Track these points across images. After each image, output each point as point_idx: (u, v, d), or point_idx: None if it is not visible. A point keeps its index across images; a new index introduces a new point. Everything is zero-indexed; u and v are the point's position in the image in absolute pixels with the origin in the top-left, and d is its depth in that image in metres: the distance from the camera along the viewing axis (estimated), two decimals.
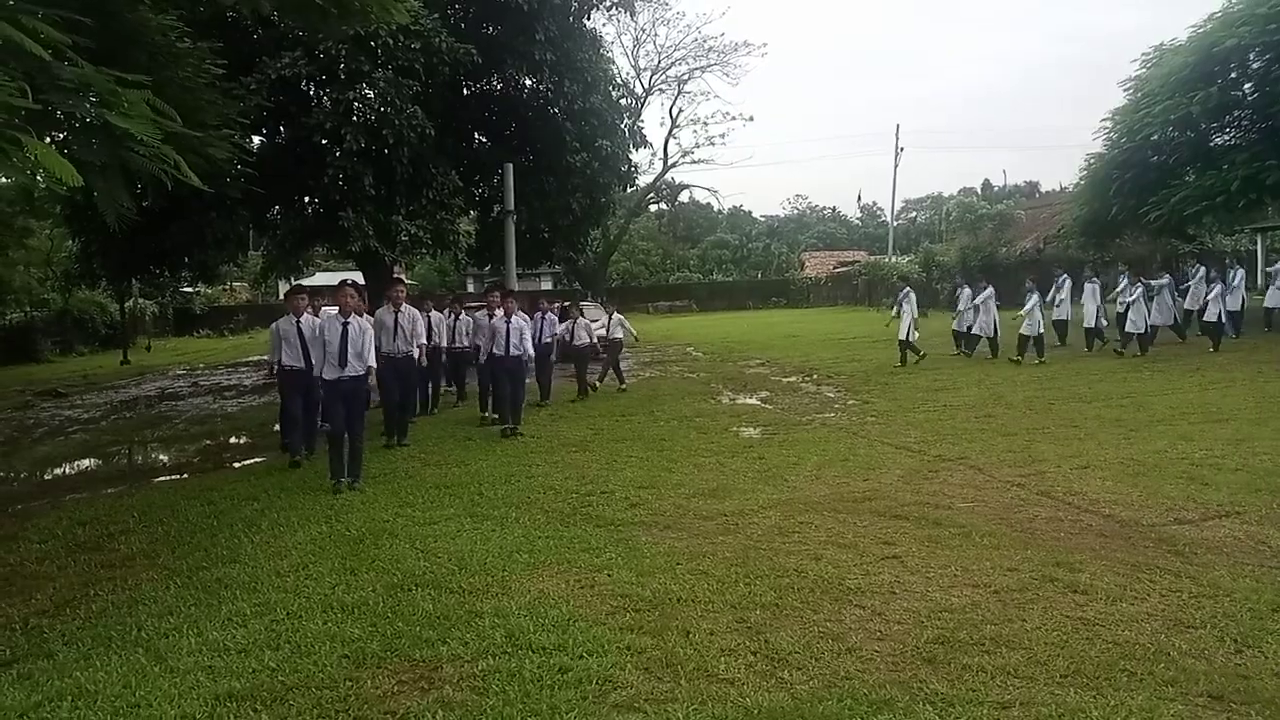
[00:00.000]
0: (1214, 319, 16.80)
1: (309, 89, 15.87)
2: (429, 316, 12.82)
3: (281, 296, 11.34)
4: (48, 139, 6.79)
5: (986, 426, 10.56)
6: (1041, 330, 16.71)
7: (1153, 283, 17.84)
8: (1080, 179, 27.32)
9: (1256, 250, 31.10)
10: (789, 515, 6.92)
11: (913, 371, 16.08)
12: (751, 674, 4.14)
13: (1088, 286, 18.27)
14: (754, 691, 3.96)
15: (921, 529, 6.43)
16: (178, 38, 9.29)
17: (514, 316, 11.63)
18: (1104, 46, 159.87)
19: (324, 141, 15.15)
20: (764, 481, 8.22)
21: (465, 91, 18.78)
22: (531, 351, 12.03)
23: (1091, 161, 25.78)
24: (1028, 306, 16.53)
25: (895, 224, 59.61)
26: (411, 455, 10.11)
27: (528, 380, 12.41)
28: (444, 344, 13.82)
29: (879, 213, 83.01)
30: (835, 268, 54.47)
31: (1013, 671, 4.08)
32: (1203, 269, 18.40)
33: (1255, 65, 20.86)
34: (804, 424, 11.45)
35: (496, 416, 11.99)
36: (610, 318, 12.52)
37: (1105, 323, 18.00)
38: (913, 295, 17.38)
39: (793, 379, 16.54)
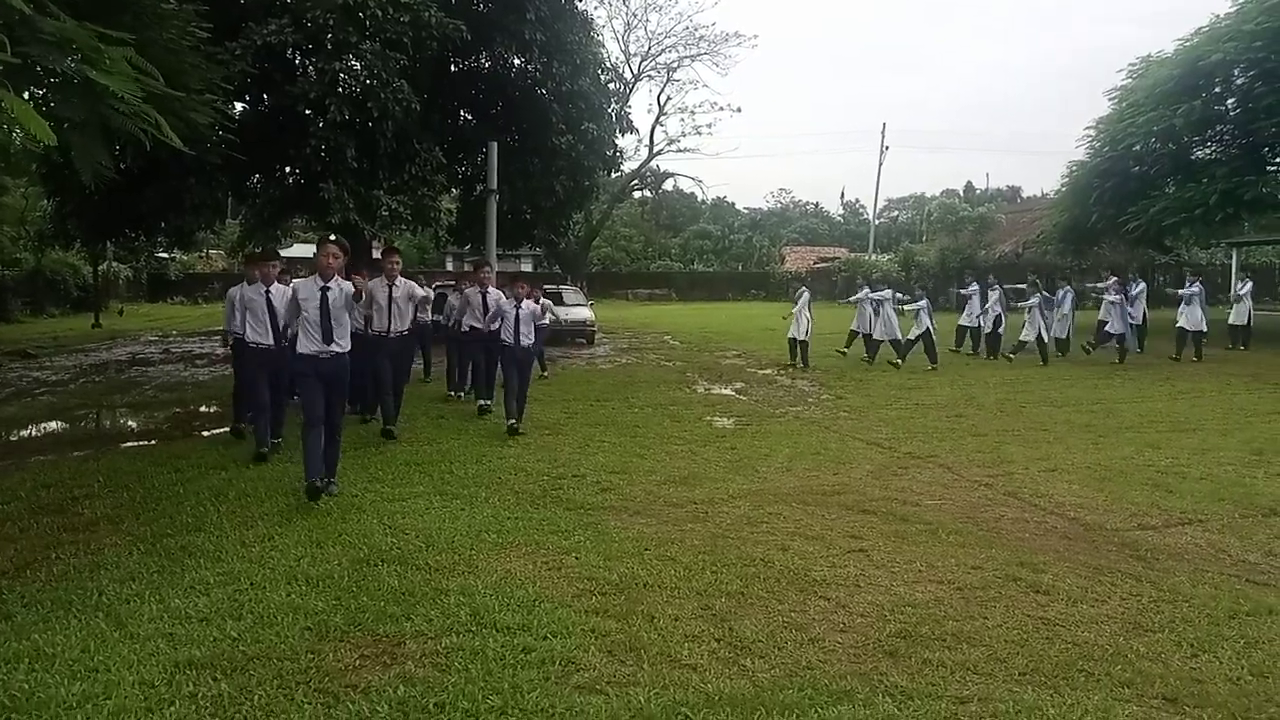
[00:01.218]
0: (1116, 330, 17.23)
1: (294, 57, 15.67)
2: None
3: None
4: (25, 95, 6.68)
5: (957, 426, 10.65)
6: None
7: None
8: (1062, 186, 27.63)
9: (1231, 264, 31.48)
10: (758, 505, 6.96)
11: (887, 369, 16.16)
12: (714, 660, 4.16)
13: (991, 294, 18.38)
14: (716, 678, 3.98)
15: (889, 524, 6.48)
16: None
17: (525, 302, 10.50)
18: (1092, 57, 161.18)
19: (308, 111, 14.98)
20: (735, 471, 8.25)
21: (453, 68, 18.65)
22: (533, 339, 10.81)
23: (1074, 169, 26.04)
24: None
25: (877, 222, 59.81)
26: (376, 425, 9.89)
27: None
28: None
29: (861, 210, 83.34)
30: (815, 263, 54.59)
31: (972, 667, 4.12)
32: (1114, 279, 18.62)
33: (1239, 81, 21.13)
34: (777, 416, 11.50)
35: (473, 398, 11.81)
36: (538, 302, 12.33)
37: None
38: (806, 294, 17.40)
39: (768, 371, 16.61)
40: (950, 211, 41.20)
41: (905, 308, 17.10)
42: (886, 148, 50.90)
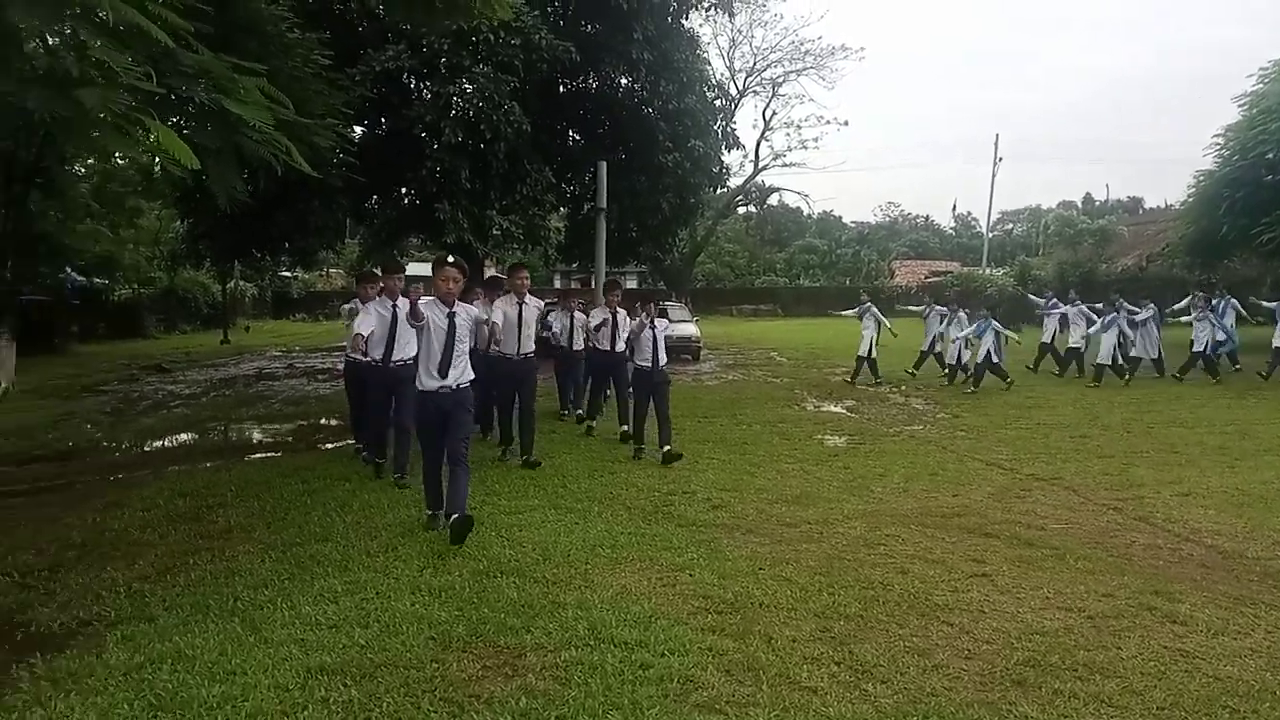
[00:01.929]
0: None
1: (410, 82, 16.17)
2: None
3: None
4: (168, 123, 7.05)
5: (1082, 447, 10.25)
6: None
7: (1137, 312, 17.09)
8: (1188, 196, 26.38)
9: None
10: (875, 527, 6.82)
11: (1004, 388, 15.70)
12: (835, 684, 4.08)
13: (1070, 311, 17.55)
14: (836, 702, 3.91)
15: (1012, 548, 6.27)
16: (288, 28, 9.59)
17: (658, 322, 9.78)
18: (1214, 59, 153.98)
19: (423, 134, 15.41)
20: (849, 491, 8.11)
21: (561, 89, 18.94)
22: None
23: (1201, 179, 24.90)
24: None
25: (990, 235, 58.19)
26: (494, 446, 9.94)
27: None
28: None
29: (974, 223, 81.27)
30: (927, 277, 53.41)
31: (1106, 700, 3.96)
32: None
33: None
34: (891, 435, 11.27)
35: (583, 417, 11.63)
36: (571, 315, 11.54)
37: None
38: (874, 308, 16.97)
39: (879, 388, 16.29)
40: (1068, 224, 39.91)
41: (962, 333, 16.45)
42: (1000, 159, 49.59)
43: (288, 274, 44.95)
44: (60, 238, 23.06)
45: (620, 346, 10.14)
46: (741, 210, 58.24)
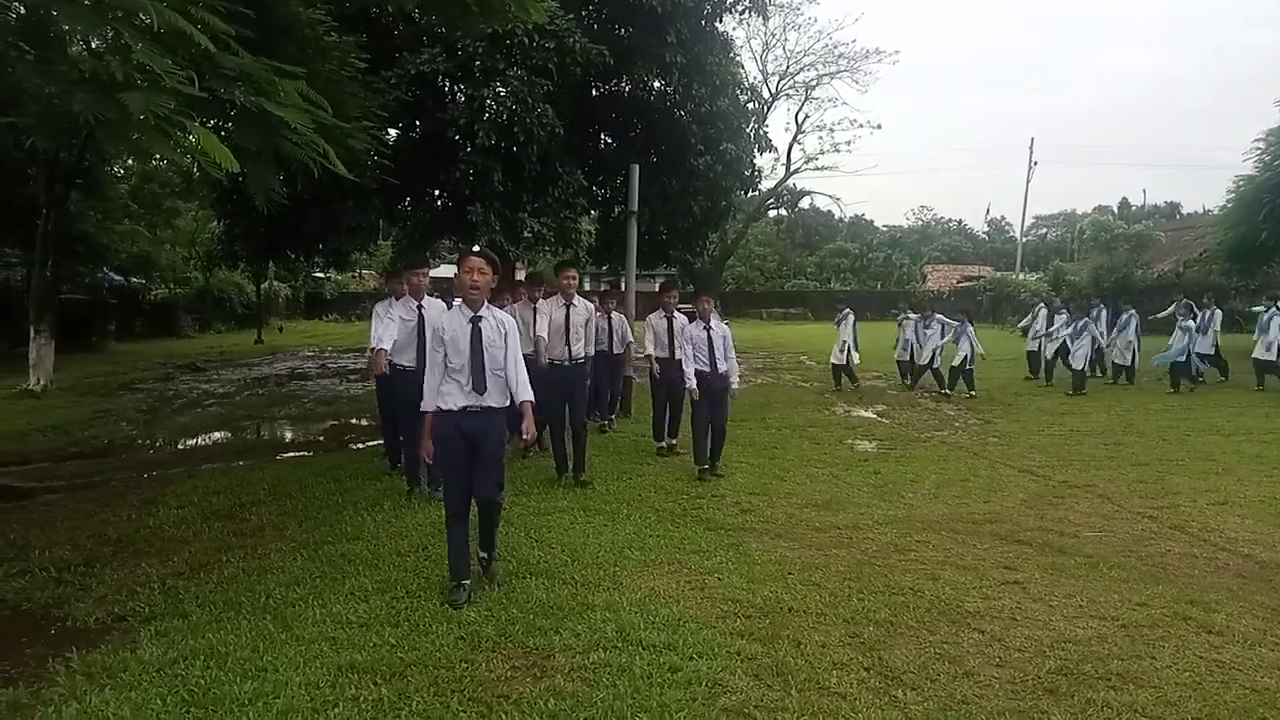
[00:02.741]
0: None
1: (445, 85, 16.23)
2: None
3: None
4: (208, 125, 7.14)
5: (1116, 454, 10.12)
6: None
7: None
8: (1227, 201, 25.99)
9: None
10: (905, 533, 6.78)
11: (1038, 393, 15.55)
12: (864, 690, 4.07)
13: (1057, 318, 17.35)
14: (866, 708, 3.90)
15: (1045, 556, 6.21)
16: (325, 31, 9.66)
17: (714, 322, 8.99)
18: (1254, 62, 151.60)
19: (457, 137, 15.46)
20: (879, 497, 8.06)
21: (594, 92, 18.93)
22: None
23: (1241, 184, 24.53)
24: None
25: (1024, 240, 57.69)
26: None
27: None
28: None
29: (1007, 228, 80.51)
30: (959, 282, 53.09)
31: (1141, 710, 3.92)
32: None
33: None
34: (922, 441, 11.18)
35: (606, 422, 11.35)
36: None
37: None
38: (851, 317, 16.92)
39: (910, 393, 16.17)
40: (1104, 229, 39.27)
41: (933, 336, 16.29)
42: (1035, 163, 49.27)
43: (321, 275, 45.38)
44: (99, 238, 23.49)
45: (720, 367, 8.82)
46: (772, 213, 58.00)
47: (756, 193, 37.62)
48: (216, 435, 12.37)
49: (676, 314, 9.92)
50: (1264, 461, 9.66)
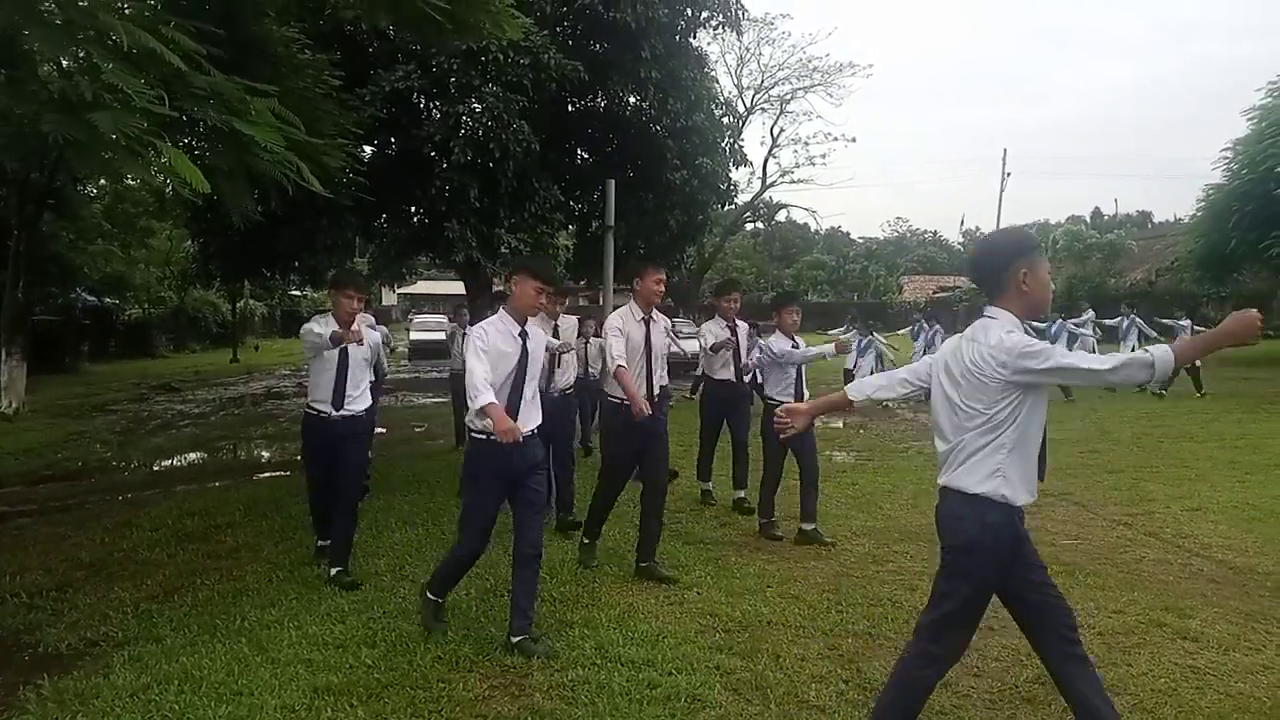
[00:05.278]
0: None
1: (420, 102, 16.24)
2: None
3: (385, 304, 7.30)
4: (179, 144, 7.11)
5: (1091, 462, 10.21)
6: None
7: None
8: (1197, 210, 26.42)
9: None
10: (883, 543, 6.81)
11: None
12: (843, 703, 4.07)
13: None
14: None
15: None
16: (299, 49, 9.64)
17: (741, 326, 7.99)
18: (1223, 74, 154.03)
19: (432, 153, 15.47)
20: (857, 508, 8.10)
21: (570, 107, 18.99)
22: None
23: (1210, 192, 24.93)
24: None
25: None
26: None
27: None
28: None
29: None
30: (935, 292, 53.47)
31: None
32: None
33: None
34: (900, 451, 11.24)
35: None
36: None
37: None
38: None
39: (888, 404, 16.26)
40: (1077, 239, 39.80)
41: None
42: (1008, 174, 49.66)
43: (297, 293, 45.15)
44: (72, 258, 23.32)
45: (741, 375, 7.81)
46: (749, 227, 58.16)
47: (733, 206, 37.71)
48: (191, 456, 12.27)
49: (741, 325, 8.29)
50: (1236, 467, 9.77)
